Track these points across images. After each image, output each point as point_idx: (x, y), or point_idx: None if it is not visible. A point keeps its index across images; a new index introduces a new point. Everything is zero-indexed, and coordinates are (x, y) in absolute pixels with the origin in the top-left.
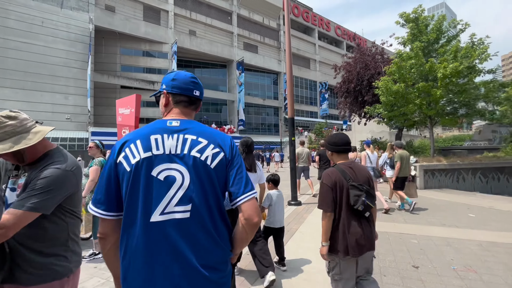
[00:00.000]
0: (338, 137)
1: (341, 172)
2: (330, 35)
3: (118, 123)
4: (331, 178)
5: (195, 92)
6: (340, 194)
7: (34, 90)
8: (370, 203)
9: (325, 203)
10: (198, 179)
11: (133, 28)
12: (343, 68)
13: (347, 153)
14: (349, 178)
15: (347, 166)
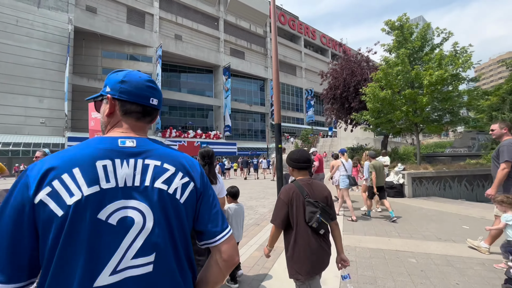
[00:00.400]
0: (299, 153)
1: (299, 188)
2: (315, 43)
3: (90, 128)
4: (288, 194)
5: (152, 101)
6: (297, 210)
7: (5, 92)
8: (324, 220)
9: (278, 218)
10: (164, 218)
11: (116, 30)
12: (329, 74)
13: (307, 169)
14: (306, 194)
15: (306, 182)
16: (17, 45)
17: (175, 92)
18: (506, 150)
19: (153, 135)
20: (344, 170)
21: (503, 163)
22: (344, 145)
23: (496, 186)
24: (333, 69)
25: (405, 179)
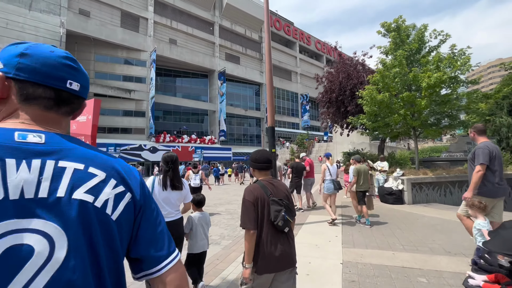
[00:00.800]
0: (260, 154)
1: (262, 188)
2: (310, 49)
3: (71, 132)
4: (253, 194)
5: (70, 84)
6: (262, 209)
7: None
8: (289, 218)
9: (248, 220)
10: (86, 243)
11: (109, 34)
12: (325, 78)
13: (268, 170)
14: (270, 193)
15: (268, 181)
16: None
17: (170, 97)
18: (481, 153)
19: (146, 140)
20: (329, 174)
21: (478, 165)
22: (340, 150)
23: (472, 188)
24: (329, 72)
25: (404, 184)
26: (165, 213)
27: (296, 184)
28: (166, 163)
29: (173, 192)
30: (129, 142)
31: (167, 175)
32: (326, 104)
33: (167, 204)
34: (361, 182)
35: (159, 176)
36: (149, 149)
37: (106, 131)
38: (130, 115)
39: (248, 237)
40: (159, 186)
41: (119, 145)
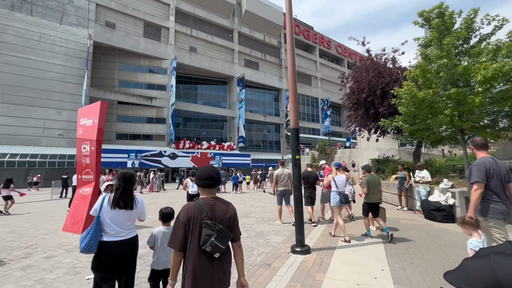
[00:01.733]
0: (203, 170)
1: (198, 208)
2: (331, 53)
3: (78, 137)
4: (187, 214)
5: None
6: (193, 231)
7: (26, 105)
8: (220, 244)
9: (175, 240)
10: None
11: (133, 44)
12: (351, 77)
13: (211, 187)
14: (205, 215)
15: (208, 201)
16: (39, 60)
17: (190, 104)
18: (475, 170)
19: (166, 147)
20: (335, 186)
21: (474, 184)
22: (366, 157)
23: (473, 208)
24: (356, 70)
25: (456, 198)
26: (113, 233)
27: (310, 195)
28: (117, 180)
29: (121, 211)
30: (150, 148)
31: (116, 194)
32: (353, 106)
33: (114, 223)
34: (371, 193)
35: (109, 195)
36: (169, 155)
37: (129, 137)
38: (151, 122)
39: (174, 256)
40: (108, 205)
41: (140, 151)
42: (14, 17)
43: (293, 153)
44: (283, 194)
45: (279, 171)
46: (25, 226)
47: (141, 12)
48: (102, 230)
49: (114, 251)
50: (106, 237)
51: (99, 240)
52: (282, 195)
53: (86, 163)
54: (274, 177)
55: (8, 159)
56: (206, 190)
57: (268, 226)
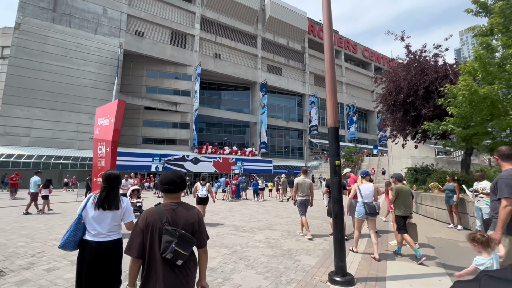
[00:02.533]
0: (165, 175)
1: (158, 213)
2: (357, 57)
3: (94, 137)
4: (145, 220)
5: None
6: (152, 238)
7: (62, 110)
8: (181, 250)
9: (132, 247)
10: None
11: (160, 51)
12: (387, 77)
13: (173, 193)
14: (165, 221)
15: (169, 207)
16: (75, 68)
17: (213, 109)
18: (504, 184)
19: (189, 151)
20: (360, 196)
21: (504, 200)
22: (397, 165)
23: (501, 227)
24: (394, 68)
25: None
26: (94, 233)
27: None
28: (103, 181)
29: (106, 212)
30: (173, 153)
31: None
32: (389, 108)
33: (97, 223)
34: (401, 205)
35: (95, 195)
36: (191, 160)
37: (154, 142)
38: (175, 127)
39: (131, 263)
40: (92, 205)
41: (164, 155)
42: (55, 29)
43: (332, 158)
44: (304, 204)
45: (300, 179)
46: (41, 229)
47: (168, 20)
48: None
49: (95, 251)
50: (88, 236)
51: (81, 238)
52: (303, 205)
53: (101, 165)
54: (295, 185)
55: (44, 161)
56: (168, 195)
57: (296, 243)
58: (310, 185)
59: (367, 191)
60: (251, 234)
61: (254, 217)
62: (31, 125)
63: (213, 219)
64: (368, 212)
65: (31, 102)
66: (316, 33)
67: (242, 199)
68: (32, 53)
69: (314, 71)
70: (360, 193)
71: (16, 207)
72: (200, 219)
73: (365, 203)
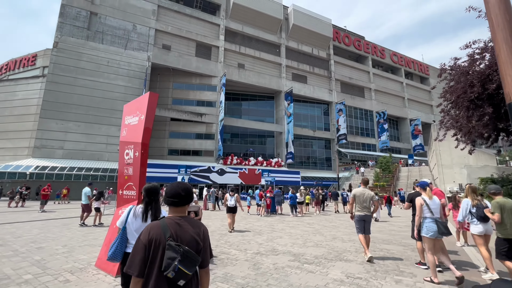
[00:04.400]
0: (170, 187)
1: (162, 228)
2: (385, 62)
3: (121, 140)
4: (148, 234)
5: None
6: (155, 254)
7: (94, 123)
8: (184, 269)
9: (134, 264)
10: None
11: (185, 63)
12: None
13: (177, 206)
14: (169, 236)
15: (174, 221)
16: (106, 82)
17: (237, 119)
18: None
19: (215, 162)
20: (428, 211)
21: None
22: (449, 176)
23: None
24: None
25: None
26: None
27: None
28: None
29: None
30: (199, 164)
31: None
32: (457, 105)
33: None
34: (508, 224)
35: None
36: (217, 171)
37: (179, 153)
38: (200, 138)
39: (133, 283)
40: (133, 217)
41: (190, 166)
42: (89, 46)
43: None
44: (363, 220)
45: (359, 191)
46: (59, 252)
47: (193, 33)
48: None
49: None
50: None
51: (124, 251)
52: (362, 221)
53: (129, 174)
54: (352, 197)
55: (75, 173)
56: (173, 209)
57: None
58: (372, 198)
59: (434, 205)
60: (320, 267)
61: (309, 240)
62: (65, 138)
63: (259, 241)
64: (442, 230)
65: (66, 115)
66: (341, 39)
67: (278, 213)
68: (68, 69)
69: (341, 78)
70: (429, 208)
71: (40, 222)
72: (205, 236)
73: (436, 220)
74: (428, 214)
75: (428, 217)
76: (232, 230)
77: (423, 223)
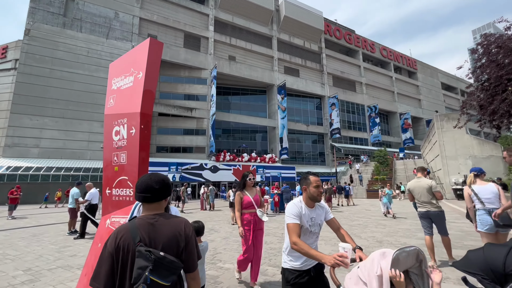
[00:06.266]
0: (141, 180)
1: (131, 231)
2: (375, 57)
3: (106, 113)
4: (115, 240)
5: None
6: (124, 264)
7: (73, 118)
8: (159, 279)
9: (99, 275)
10: None
11: (173, 55)
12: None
13: (150, 202)
14: (139, 241)
15: (146, 221)
16: (86, 74)
17: (229, 114)
18: None
19: (207, 159)
20: (479, 201)
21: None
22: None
23: None
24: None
25: None
26: None
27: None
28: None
29: None
30: (190, 161)
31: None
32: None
33: None
34: None
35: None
36: (210, 168)
37: (169, 150)
38: (191, 134)
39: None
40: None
41: (181, 164)
42: (66, 34)
43: None
44: (429, 218)
45: (412, 184)
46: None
47: (181, 23)
48: None
49: None
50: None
51: None
52: (427, 218)
53: (120, 163)
54: (408, 193)
55: (53, 173)
56: (146, 206)
57: None
58: (430, 189)
59: (487, 193)
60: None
61: None
62: (40, 135)
63: None
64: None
65: (41, 110)
66: (332, 32)
67: None
68: (42, 59)
69: (332, 71)
70: (478, 197)
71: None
72: (187, 234)
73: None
74: (479, 205)
75: (480, 208)
76: (234, 223)
77: (476, 217)
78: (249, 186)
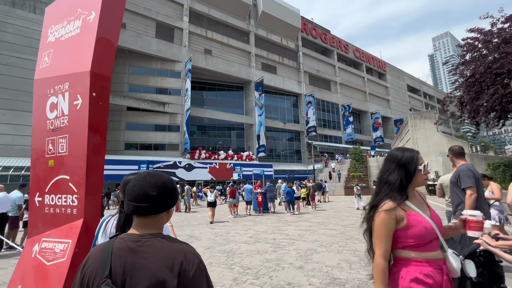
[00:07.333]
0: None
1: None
2: (349, 57)
3: (36, 78)
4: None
5: None
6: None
7: (24, 111)
8: None
9: None
10: None
11: (144, 45)
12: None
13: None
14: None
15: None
16: (16, 56)
17: (205, 110)
18: (466, 176)
19: (181, 157)
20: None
21: (468, 189)
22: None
23: None
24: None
25: None
26: None
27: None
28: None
29: None
30: (162, 159)
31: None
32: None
33: None
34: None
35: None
36: (184, 166)
37: (139, 147)
38: (163, 130)
39: None
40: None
41: (152, 162)
42: (15, 15)
43: None
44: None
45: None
46: None
47: (153, 11)
48: None
49: None
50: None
51: None
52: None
53: (58, 153)
54: (439, 188)
55: (0, 173)
56: (137, 220)
57: None
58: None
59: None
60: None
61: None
62: None
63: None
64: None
65: None
66: (309, 31)
67: (271, 212)
68: None
69: (309, 70)
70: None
71: None
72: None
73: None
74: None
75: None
76: (212, 221)
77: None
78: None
